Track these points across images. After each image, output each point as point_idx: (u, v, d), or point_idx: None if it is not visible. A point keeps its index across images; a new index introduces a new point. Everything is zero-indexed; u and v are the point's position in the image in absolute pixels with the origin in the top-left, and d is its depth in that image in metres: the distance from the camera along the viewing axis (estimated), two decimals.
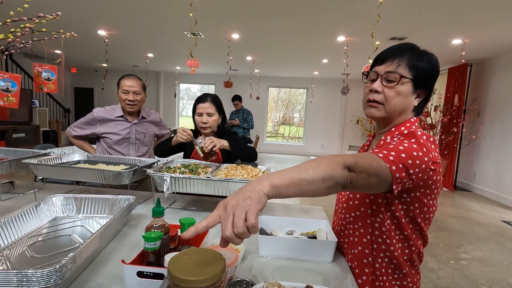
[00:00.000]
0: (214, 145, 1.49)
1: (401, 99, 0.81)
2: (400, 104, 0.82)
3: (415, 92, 0.83)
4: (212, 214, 0.54)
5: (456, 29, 3.94)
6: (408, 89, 0.81)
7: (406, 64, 0.80)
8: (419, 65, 0.80)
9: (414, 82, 0.81)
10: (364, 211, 0.88)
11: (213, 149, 1.50)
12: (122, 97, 1.87)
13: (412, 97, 0.83)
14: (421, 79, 0.81)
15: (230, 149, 1.57)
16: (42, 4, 3.69)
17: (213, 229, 1.10)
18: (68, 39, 1.56)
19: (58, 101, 8.82)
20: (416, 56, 0.81)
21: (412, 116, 0.87)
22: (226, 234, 0.50)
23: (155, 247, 0.72)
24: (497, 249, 3.08)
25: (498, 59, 5.16)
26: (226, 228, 0.50)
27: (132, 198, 1.13)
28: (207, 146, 1.47)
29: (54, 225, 1.06)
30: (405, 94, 0.81)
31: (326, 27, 4.12)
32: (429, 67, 0.81)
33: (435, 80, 0.84)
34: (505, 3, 3.00)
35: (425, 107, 0.90)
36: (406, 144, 0.73)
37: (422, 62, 0.81)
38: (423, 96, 0.85)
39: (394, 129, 0.86)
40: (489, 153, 5.24)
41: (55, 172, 1.39)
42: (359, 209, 0.89)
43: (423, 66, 0.80)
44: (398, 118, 0.85)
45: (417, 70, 0.80)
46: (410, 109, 0.85)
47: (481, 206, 4.67)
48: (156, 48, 6.17)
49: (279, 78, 9.26)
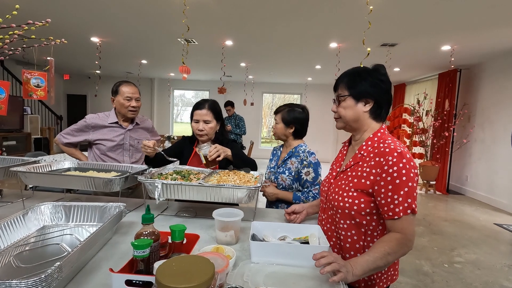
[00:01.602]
0: (218, 154, 1.45)
1: (349, 111, 1.02)
2: (349, 115, 1.03)
3: (358, 102, 1.01)
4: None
5: (444, 36, 4.02)
6: (350, 102, 1.02)
7: (345, 86, 1.03)
8: (353, 83, 1.01)
9: (353, 95, 1.01)
10: (359, 221, 0.96)
11: (216, 158, 1.46)
12: (125, 104, 1.85)
13: (358, 106, 1.01)
14: (358, 92, 1.00)
15: (232, 159, 1.53)
16: (35, 11, 3.67)
17: (204, 236, 1.10)
18: (61, 46, 1.55)
19: (50, 108, 8.72)
20: (353, 77, 1.02)
21: (372, 119, 1.02)
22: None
23: (144, 254, 0.71)
24: (490, 252, 3.11)
25: (485, 65, 5.29)
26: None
27: (123, 205, 1.11)
28: (212, 155, 1.43)
29: (42, 234, 1.04)
30: (350, 106, 1.02)
31: (319, 34, 4.18)
32: (365, 80, 0.99)
33: (378, 87, 0.99)
34: (490, 10, 3.08)
35: (386, 111, 1.03)
36: (404, 191, 0.88)
37: (358, 78, 1.01)
38: (371, 102, 1.00)
39: (364, 143, 1.00)
40: (480, 157, 5.32)
41: (44, 180, 1.37)
42: (354, 219, 0.97)
43: (358, 81, 1.01)
44: (356, 123, 1.03)
45: (352, 87, 1.01)
46: (363, 115, 1.02)
47: (474, 209, 4.71)
48: (149, 55, 6.17)
49: (273, 84, 9.32)
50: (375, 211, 0.94)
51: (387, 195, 0.89)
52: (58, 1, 3.36)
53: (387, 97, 1.02)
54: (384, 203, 0.90)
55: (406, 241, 0.87)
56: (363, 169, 0.96)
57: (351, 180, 0.98)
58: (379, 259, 0.84)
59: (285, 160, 1.66)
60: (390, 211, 0.89)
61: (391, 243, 0.87)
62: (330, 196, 1.04)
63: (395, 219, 0.88)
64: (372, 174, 0.93)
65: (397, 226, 0.89)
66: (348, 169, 1.02)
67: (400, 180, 0.88)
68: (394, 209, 0.88)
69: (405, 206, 0.87)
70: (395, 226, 0.89)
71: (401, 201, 0.87)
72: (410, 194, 0.88)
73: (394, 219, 0.89)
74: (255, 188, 1.21)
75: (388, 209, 0.89)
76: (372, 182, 0.92)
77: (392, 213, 0.88)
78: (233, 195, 1.21)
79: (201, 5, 3.28)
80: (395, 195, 0.88)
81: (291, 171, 1.62)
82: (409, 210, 0.88)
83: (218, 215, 1.06)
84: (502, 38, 4.01)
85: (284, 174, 1.63)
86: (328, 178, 1.13)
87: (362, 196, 0.94)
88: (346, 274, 0.78)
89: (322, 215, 1.12)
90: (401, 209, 0.87)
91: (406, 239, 0.88)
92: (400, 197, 0.88)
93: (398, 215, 0.87)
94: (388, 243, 0.87)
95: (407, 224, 0.88)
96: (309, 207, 1.30)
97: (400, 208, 0.87)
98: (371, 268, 0.83)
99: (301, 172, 1.59)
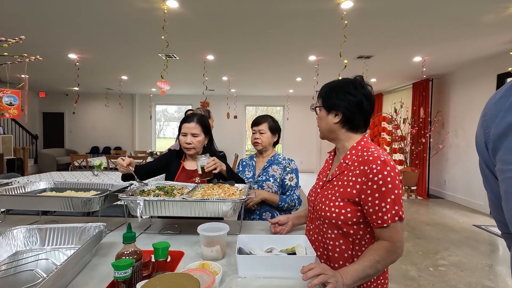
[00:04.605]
0: (215, 167, 1.47)
1: (322, 122, 1.07)
2: (323, 125, 1.07)
3: (329, 113, 1.04)
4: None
5: (415, 48, 4.26)
6: (323, 113, 1.07)
7: (320, 97, 1.09)
8: (326, 95, 1.06)
9: (324, 107, 1.06)
10: (346, 231, 0.96)
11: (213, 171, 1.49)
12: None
13: (329, 117, 1.04)
14: (328, 104, 1.04)
15: (225, 174, 1.55)
16: (11, 28, 3.57)
17: (189, 252, 1.07)
18: (36, 63, 1.51)
19: (24, 127, 8.36)
20: (328, 89, 1.06)
21: (347, 130, 1.04)
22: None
23: (125, 275, 0.68)
24: (471, 253, 3.20)
25: (454, 74, 5.62)
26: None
27: (103, 225, 1.07)
28: (209, 167, 1.45)
29: (15, 260, 0.97)
30: (323, 117, 1.07)
31: (298, 47, 4.31)
32: (336, 93, 1.03)
33: (345, 100, 1.01)
34: (456, 23, 3.31)
35: (363, 122, 1.04)
36: (390, 198, 0.89)
37: (330, 91, 1.05)
38: (340, 114, 1.02)
39: (349, 151, 1.02)
40: (456, 161, 5.55)
41: (17, 203, 1.30)
42: (341, 229, 0.97)
43: (329, 93, 1.05)
44: (331, 134, 1.07)
45: (325, 99, 1.06)
46: (333, 126, 1.04)
47: (454, 212, 4.88)
48: (130, 71, 6.10)
49: (256, 96, 9.43)
50: (361, 220, 0.95)
51: (374, 203, 0.90)
52: (33, 18, 3.29)
53: (357, 109, 1.00)
54: (372, 211, 0.90)
55: (395, 249, 0.88)
56: (349, 178, 0.97)
57: (337, 190, 0.99)
58: (368, 268, 0.84)
59: (266, 168, 1.71)
60: (379, 219, 0.89)
61: (380, 251, 0.87)
62: (317, 206, 1.04)
63: (383, 227, 0.89)
64: (358, 183, 0.94)
65: (386, 234, 0.89)
66: (334, 178, 1.02)
67: (386, 188, 0.89)
68: (382, 217, 0.89)
69: (392, 214, 0.88)
70: (384, 234, 0.90)
71: (388, 209, 0.88)
72: (397, 201, 0.89)
73: (382, 227, 0.89)
74: (240, 201, 1.20)
75: (377, 218, 0.89)
76: (358, 191, 0.93)
77: (381, 221, 0.89)
78: (218, 208, 1.19)
79: (181, 20, 3.31)
80: (382, 203, 0.89)
81: (276, 178, 1.68)
82: (396, 217, 0.89)
83: (203, 230, 1.04)
84: (467, 50, 4.30)
85: (269, 182, 1.67)
86: (315, 188, 1.13)
87: (348, 206, 0.95)
88: (336, 285, 0.77)
89: (310, 225, 1.12)
90: (389, 217, 0.88)
91: (395, 246, 0.88)
92: (387, 204, 0.88)
93: (386, 223, 0.88)
94: (377, 251, 0.87)
95: (395, 232, 0.89)
96: (294, 218, 1.30)
97: (388, 216, 0.88)
98: (361, 277, 0.83)
99: (285, 178, 1.68)
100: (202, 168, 1.47)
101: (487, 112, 0.48)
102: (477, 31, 3.54)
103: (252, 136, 1.77)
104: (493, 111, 0.47)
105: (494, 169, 0.47)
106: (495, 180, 0.48)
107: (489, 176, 0.51)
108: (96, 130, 9.66)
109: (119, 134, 9.64)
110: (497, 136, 0.44)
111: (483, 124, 0.49)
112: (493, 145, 0.46)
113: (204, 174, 1.49)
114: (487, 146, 0.48)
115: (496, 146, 0.45)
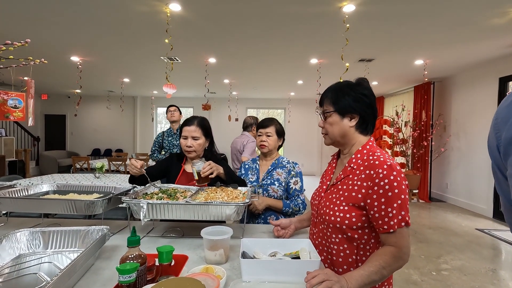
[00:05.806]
0: (212, 171, 1.42)
1: (335, 127, 1.03)
2: (336, 130, 1.03)
3: (344, 117, 1.01)
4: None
5: (417, 51, 4.27)
6: (336, 118, 1.02)
7: (330, 101, 1.04)
8: (337, 98, 1.02)
9: (338, 111, 1.01)
10: (350, 236, 0.95)
11: (209, 175, 1.43)
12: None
13: (343, 121, 1.01)
14: (342, 107, 1.01)
15: (224, 177, 1.51)
16: (14, 31, 3.60)
17: (193, 256, 1.07)
18: (40, 66, 1.52)
19: (26, 130, 8.39)
20: (336, 92, 1.03)
21: (359, 133, 1.02)
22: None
23: (130, 279, 0.68)
24: (474, 257, 3.18)
25: (456, 77, 5.62)
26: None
27: (106, 228, 1.07)
28: (205, 172, 1.40)
29: (18, 263, 0.97)
30: (336, 122, 1.02)
31: (299, 50, 4.32)
32: (348, 95, 1.00)
33: (361, 102, 1.00)
34: (457, 27, 3.31)
35: (372, 124, 1.03)
36: (397, 203, 0.87)
37: (341, 94, 1.01)
38: (357, 117, 1.00)
39: (354, 155, 1.00)
40: (458, 164, 5.53)
41: (20, 205, 1.29)
42: (346, 233, 0.96)
43: (341, 97, 1.01)
44: (344, 139, 1.03)
45: (337, 103, 1.02)
46: (349, 130, 1.02)
47: (456, 215, 4.85)
48: (132, 73, 6.13)
49: (257, 99, 9.44)
50: (366, 225, 0.93)
51: (380, 208, 0.88)
52: (37, 21, 3.32)
53: (371, 110, 1.01)
54: (378, 216, 0.89)
55: (401, 254, 0.87)
56: (354, 182, 0.95)
57: (342, 194, 0.97)
58: (374, 273, 0.83)
59: (270, 171, 1.68)
60: (385, 225, 0.88)
61: (386, 257, 0.86)
62: (321, 210, 1.03)
63: (389, 232, 0.88)
64: (363, 187, 0.92)
65: (392, 240, 0.88)
66: (339, 182, 1.01)
67: (393, 193, 0.87)
68: (388, 223, 0.87)
69: (399, 219, 0.87)
70: (390, 240, 0.88)
71: (395, 214, 0.87)
72: (403, 206, 0.87)
73: (388, 232, 0.88)
74: (243, 204, 1.19)
75: (383, 223, 0.88)
76: (364, 196, 0.92)
77: (387, 227, 0.87)
78: (222, 212, 1.19)
79: (184, 23, 3.33)
80: (389, 208, 0.87)
81: (281, 182, 1.64)
82: (403, 222, 0.87)
83: (207, 234, 1.04)
84: (468, 53, 4.30)
85: (274, 185, 1.63)
86: (318, 192, 1.12)
87: (353, 210, 0.93)
88: None
89: (313, 229, 1.11)
90: (396, 222, 0.87)
91: (401, 252, 0.87)
92: (393, 209, 0.87)
93: (393, 228, 0.87)
94: (383, 256, 0.86)
95: (401, 237, 0.87)
96: (296, 222, 1.29)
97: (395, 221, 0.87)
98: (366, 283, 0.82)
99: (290, 182, 1.65)
100: (198, 173, 1.41)
101: (499, 115, 0.47)
102: (479, 35, 3.55)
103: (258, 139, 1.72)
104: (505, 114, 0.46)
105: (506, 173, 0.46)
106: (507, 183, 0.47)
107: (501, 180, 0.50)
108: (98, 132, 9.68)
109: (120, 136, 9.66)
110: (508, 140, 0.43)
111: (495, 127, 0.48)
112: (504, 149, 0.45)
113: (200, 180, 1.43)
114: (499, 150, 0.47)
115: (507, 150, 0.44)
